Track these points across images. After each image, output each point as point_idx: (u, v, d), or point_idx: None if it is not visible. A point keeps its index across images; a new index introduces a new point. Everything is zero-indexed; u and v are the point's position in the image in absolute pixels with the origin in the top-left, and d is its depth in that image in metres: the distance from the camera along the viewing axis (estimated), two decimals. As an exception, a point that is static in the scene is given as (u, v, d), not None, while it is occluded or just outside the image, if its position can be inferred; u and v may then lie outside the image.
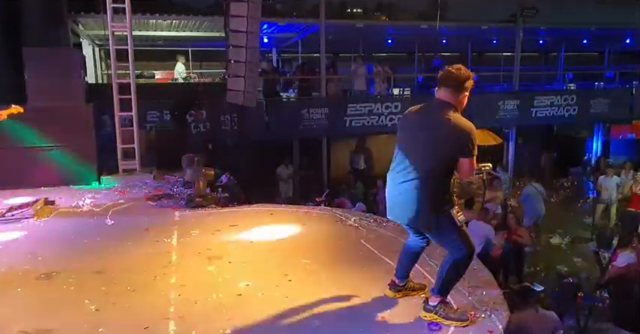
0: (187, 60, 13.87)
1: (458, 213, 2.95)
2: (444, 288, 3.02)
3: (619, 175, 11.68)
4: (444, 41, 16.61)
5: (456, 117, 2.90)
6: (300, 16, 12.23)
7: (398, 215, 3.12)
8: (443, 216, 2.92)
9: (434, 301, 3.02)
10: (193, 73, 14.87)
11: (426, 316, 3.02)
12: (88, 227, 5.15)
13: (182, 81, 12.96)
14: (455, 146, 2.89)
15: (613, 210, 11.30)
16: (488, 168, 3.35)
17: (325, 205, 7.52)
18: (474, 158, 2.94)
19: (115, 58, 7.23)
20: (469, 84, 2.97)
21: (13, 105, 5.15)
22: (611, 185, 11.27)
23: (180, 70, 13.16)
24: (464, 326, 2.95)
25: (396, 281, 3.32)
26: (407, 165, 2.98)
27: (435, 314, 2.99)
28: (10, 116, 5.11)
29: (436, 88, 3.05)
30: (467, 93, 2.99)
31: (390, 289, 3.33)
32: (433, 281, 3.53)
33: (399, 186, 3.01)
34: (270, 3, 10.73)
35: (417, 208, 2.94)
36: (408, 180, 2.95)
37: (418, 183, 2.91)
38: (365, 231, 4.86)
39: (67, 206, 5.93)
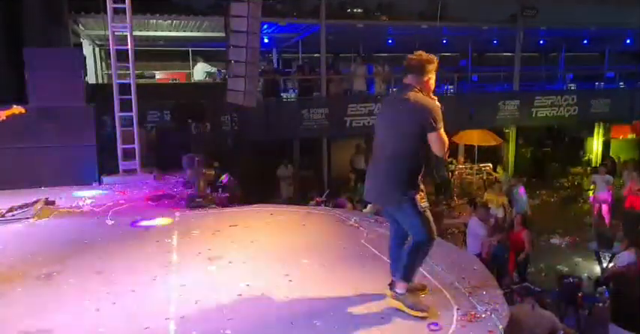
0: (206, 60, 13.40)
1: (422, 199, 3.09)
2: (407, 273, 3.13)
3: (610, 173, 11.72)
4: (445, 41, 16.60)
5: (416, 96, 3.05)
6: (301, 17, 12.16)
7: (371, 194, 3.29)
8: (407, 199, 3.05)
9: (400, 288, 3.13)
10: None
11: (391, 302, 3.13)
12: (88, 227, 5.15)
13: (209, 80, 12.54)
14: (417, 122, 3.00)
15: (604, 208, 11.36)
16: (488, 168, 3.39)
17: (325, 205, 7.53)
18: (441, 131, 3.01)
19: (116, 58, 7.23)
20: (432, 67, 3.14)
21: (14, 106, 5.12)
22: (601, 183, 11.34)
23: (206, 70, 12.70)
24: (422, 318, 3.02)
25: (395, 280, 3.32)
26: (380, 148, 3.18)
27: (402, 302, 3.10)
28: (11, 117, 5.07)
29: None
30: (431, 76, 3.15)
31: (390, 289, 3.33)
32: (434, 281, 3.56)
33: (374, 168, 3.23)
34: (270, 3, 10.70)
35: (384, 186, 3.14)
36: (381, 161, 3.16)
37: (387, 163, 3.10)
38: (365, 231, 4.86)
39: (67, 206, 5.93)
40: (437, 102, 3.07)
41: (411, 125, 3.01)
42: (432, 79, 3.15)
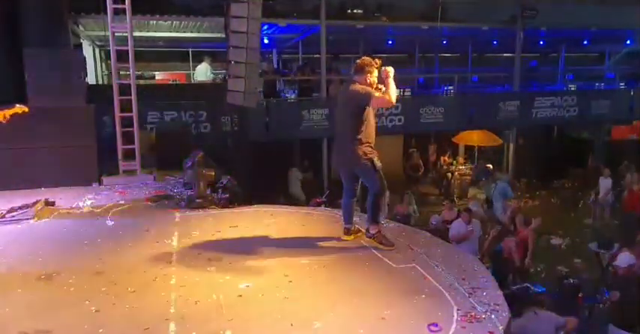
0: (213, 61, 12.85)
1: (377, 160, 4.18)
2: (374, 218, 4.30)
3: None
4: (445, 42, 16.63)
5: (354, 85, 4.20)
6: (301, 17, 12.17)
7: (341, 163, 4.43)
8: (367, 161, 4.14)
9: (373, 229, 4.29)
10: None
11: (367, 241, 4.30)
12: (88, 228, 5.14)
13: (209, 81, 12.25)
14: (355, 101, 4.15)
15: (607, 210, 11.38)
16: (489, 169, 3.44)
17: (326, 206, 7.52)
18: (375, 98, 4.13)
19: (116, 58, 7.22)
20: (370, 68, 4.20)
21: (17, 105, 5.10)
22: (606, 185, 11.37)
23: (209, 73, 12.31)
24: (391, 250, 4.15)
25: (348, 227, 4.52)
26: (342, 130, 4.27)
27: (375, 240, 4.27)
28: (14, 116, 5.05)
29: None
30: (369, 75, 4.21)
31: (346, 234, 4.53)
32: (433, 281, 3.57)
33: (342, 144, 4.28)
34: (270, 4, 10.69)
35: (350, 155, 4.20)
36: (344, 139, 4.24)
37: (350, 138, 4.17)
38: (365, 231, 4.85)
39: (67, 207, 5.93)
40: (368, 88, 4.15)
41: (354, 105, 4.17)
42: (370, 77, 4.21)
